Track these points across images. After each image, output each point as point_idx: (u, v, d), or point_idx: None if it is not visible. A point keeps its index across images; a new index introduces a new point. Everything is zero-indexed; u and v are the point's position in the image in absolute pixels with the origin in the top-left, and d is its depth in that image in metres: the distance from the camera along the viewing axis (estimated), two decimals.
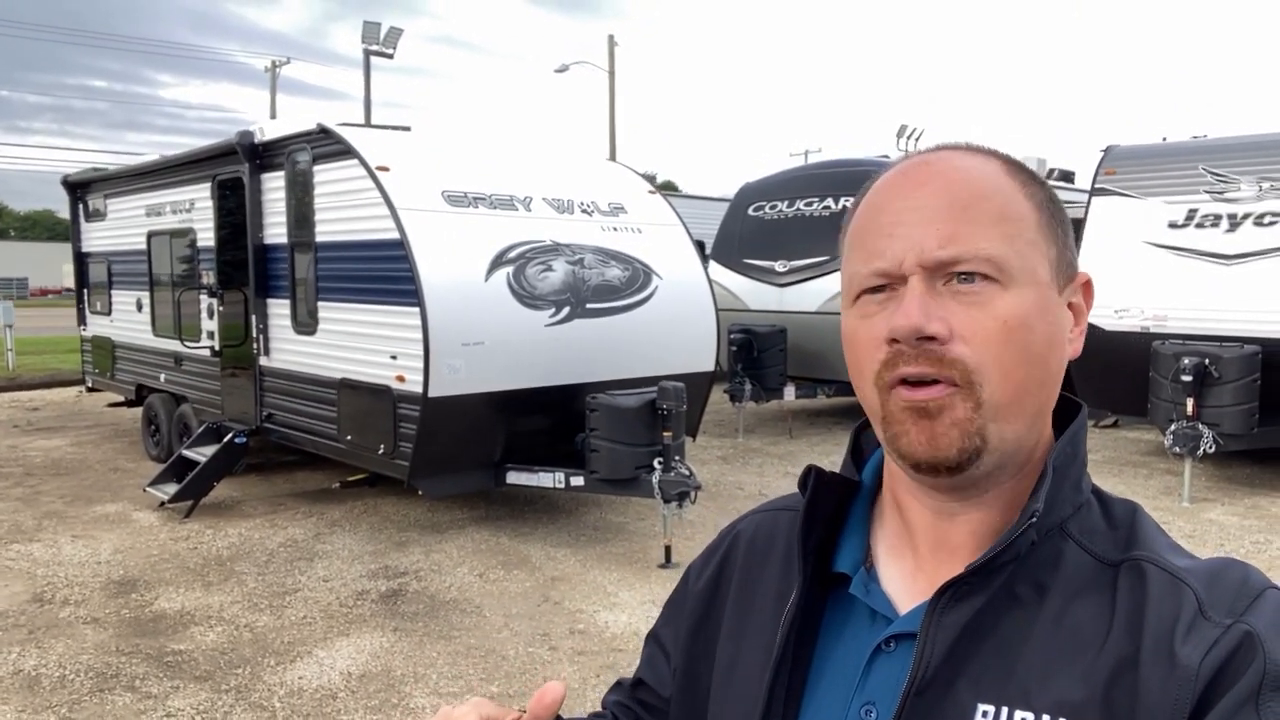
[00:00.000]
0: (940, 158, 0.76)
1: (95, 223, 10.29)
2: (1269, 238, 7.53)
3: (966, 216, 0.71)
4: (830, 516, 0.82)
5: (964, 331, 0.69)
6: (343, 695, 4.12)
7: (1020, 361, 0.70)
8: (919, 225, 0.71)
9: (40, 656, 4.52)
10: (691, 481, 5.87)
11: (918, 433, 0.70)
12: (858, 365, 0.75)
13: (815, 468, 0.82)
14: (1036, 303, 0.71)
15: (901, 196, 0.74)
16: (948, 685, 0.68)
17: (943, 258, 0.70)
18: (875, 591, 0.77)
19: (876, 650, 0.74)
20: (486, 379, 6.01)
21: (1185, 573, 0.69)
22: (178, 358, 8.65)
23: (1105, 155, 8.63)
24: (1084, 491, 0.75)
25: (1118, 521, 0.74)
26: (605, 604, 5.22)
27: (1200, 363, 7.07)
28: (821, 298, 10.32)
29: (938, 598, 0.70)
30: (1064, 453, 0.74)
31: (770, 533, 0.88)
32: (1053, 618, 0.69)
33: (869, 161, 11.50)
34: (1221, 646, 0.63)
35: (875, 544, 0.81)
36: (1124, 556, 0.71)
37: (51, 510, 7.24)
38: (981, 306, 0.70)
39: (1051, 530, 0.72)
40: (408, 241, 5.80)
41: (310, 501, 7.44)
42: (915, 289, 0.70)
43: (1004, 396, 0.70)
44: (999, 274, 0.70)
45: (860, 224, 0.77)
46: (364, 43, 22.63)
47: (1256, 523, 6.80)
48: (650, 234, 7.21)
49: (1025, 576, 0.71)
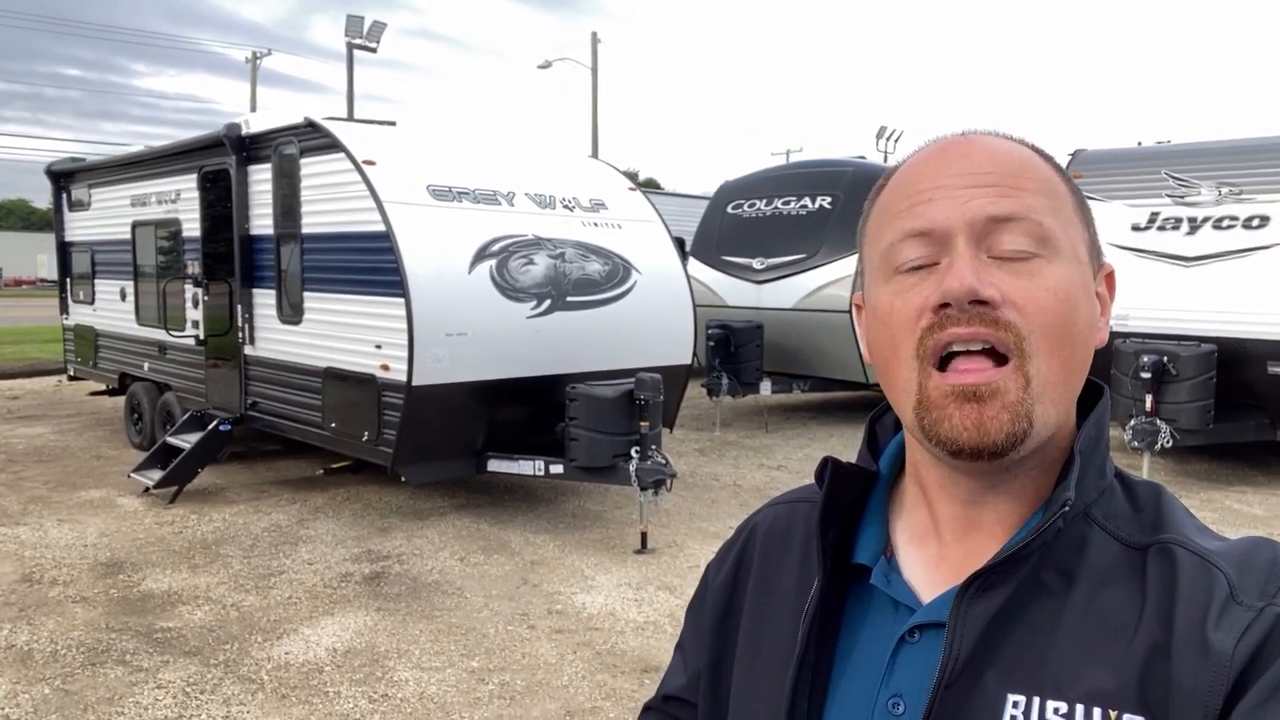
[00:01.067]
0: (978, 136, 0.75)
1: (79, 212, 10.34)
2: (1227, 241, 7.81)
3: (1017, 182, 0.70)
4: (848, 507, 0.81)
5: (1015, 298, 0.68)
6: (329, 669, 4.28)
7: (1067, 338, 0.69)
8: (965, 188, 0.70)
9: (32, 633, 4.64)
10: (667, 470, 6.06)
11: (962, 417, 0.68)
12: (892, 341, 0.72)
13: (832, 459, 0.81)
14: (1081, 280, 0.71)
15: (942, 165, 0.72)
16: (977, 677, 0.67)
17: (995, 213, 0.68)
18: (896, 582, 0.76)
19: (901, 641, 0.73)
20: (469, 369, 6.17)
21: (1215, 555, 0.68)
22: (162, 346, 8.74)
23: (1073, 159, 8.90)
24: (1108, 476, 0.74)
25: (1142, 504, 0.73)
26: (582, 586, 5.39)
27: (1159, 360, 7.34)
28: (798, 294, 10.54)
29: (965, 588, 0.69)
30: (1089, 437, 0.73)
31: (787, 525, 0.87)
32: (1081, 605, 0.68)
33: (845, 161, 11.74)
34: (1255, 631, 0.63)
35: (895, 533, 0.80)
36: (1151, 540, 0.70)
37: (36, 495, 7.32)
38: (1031, 276, 0.68)
39: (1077, 516, 0.71)
40: (393, 234, 5.95)
41: (293, 488, 7.57)
42: (964, 252, 0.68)
43: (1051, 374, 0.68)
44: (1045, 248, 0.69)
45: (889, 200, 0.75)
46: (347, 36, 22.65)
47: (1211, 515, 7.06)
48: (630, 230, 7.39)
49: (1051, 564, 0.70)
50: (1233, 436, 7.86)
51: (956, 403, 0.68)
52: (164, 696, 3.99)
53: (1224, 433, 7.69)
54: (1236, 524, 6.79)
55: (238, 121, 7.50)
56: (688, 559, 5.88)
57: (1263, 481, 8.11)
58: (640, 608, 5.07)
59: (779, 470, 8.54)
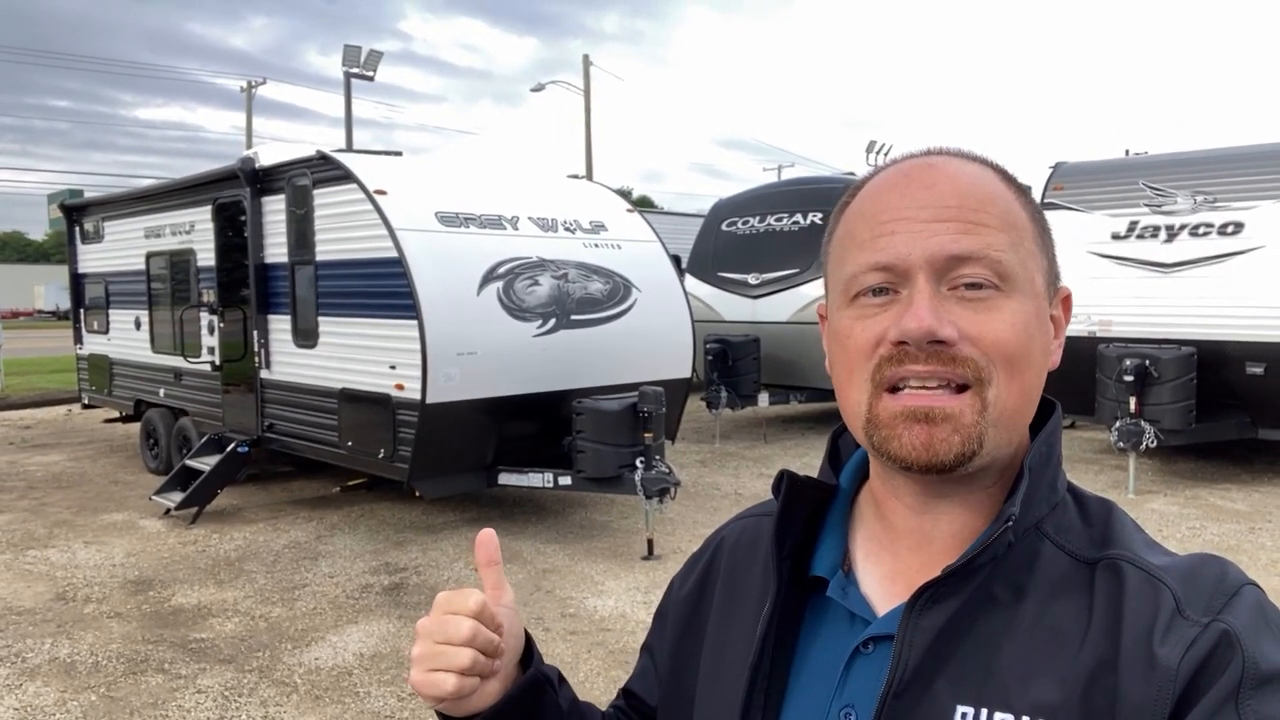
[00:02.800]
0: (943, 160, 0.75)
1: (91, 245, 10.63)
2: (1203, 247, 8.12)
3: (977, 218, 0.71)
4: (808, 520, 0.83)
5: (973, 334, 0.69)
6: (357, 672, 4.53)
7: (1023, 368, 0.71)
8: (927, 222, 0.71)
9: (72, 646, 4.89)
10: (671, 478, 6.33)
11: (911, 437, 0.70)
12: (847, 364, 0.74)
13: (787, 472, 0.82)
14: (1035, 312, 0.72)
15: (906, 196, 0.73)
16: (926, 687, 0.69)
17: (956, 252, 0.70)
18: (853, 594, 0.77)
19: (855, 652, 0.74)
20: (479, 386, 6.45)
21: (1162, 571, 0.69)
22: (178, 373, 9.00)
23: (1054, 171, 9.22)
24: (1059, 491, 0.76)
25: (1093, 519, 0.75)
26: (593, 591, 5.65)
27: (1141, 364, 7.63)
28: (793, 308, 10.84)
29: (914, 600, 0.71)
30: (1039, 454, 0.74)
31: (753, 538, 0.88)
32: (1030, 618, 0.69)
33: (835, 179, 12.09)
34: (1200, 646, 0.64)
35: (854, 546, 0.81)
36: (1100, 555, 0.71)
37: (60, 520, 7.57)
38: (989, 311, 0.70)
39: (1028, 530, 0.72)
40: (405, 259, 6.23)
41: (309, 507, 7.82)
42: (924, 290, 0.70)
43: (1008, 400, 0.70)
44: (1003, 281, 0.70)
45: (854, 224, 0.76)
46: (345, 65, 23.07)
47: (1194, 511, 7.34)
48: (629, 250, 7.69)
49: (1003, 577, 0.71)
50: (1215, 435, 8.14)
51: (906, 423, 0.70)
52: (205, 700, 4.23)
53: (1206, 432, 7.97)
54: (1221, 520, 7.05)
55: (251, 155, 7.80)
56: None
57: (1247, 479, 8.39)
58: (649, 609, 5.32)
59: None
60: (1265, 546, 6.39)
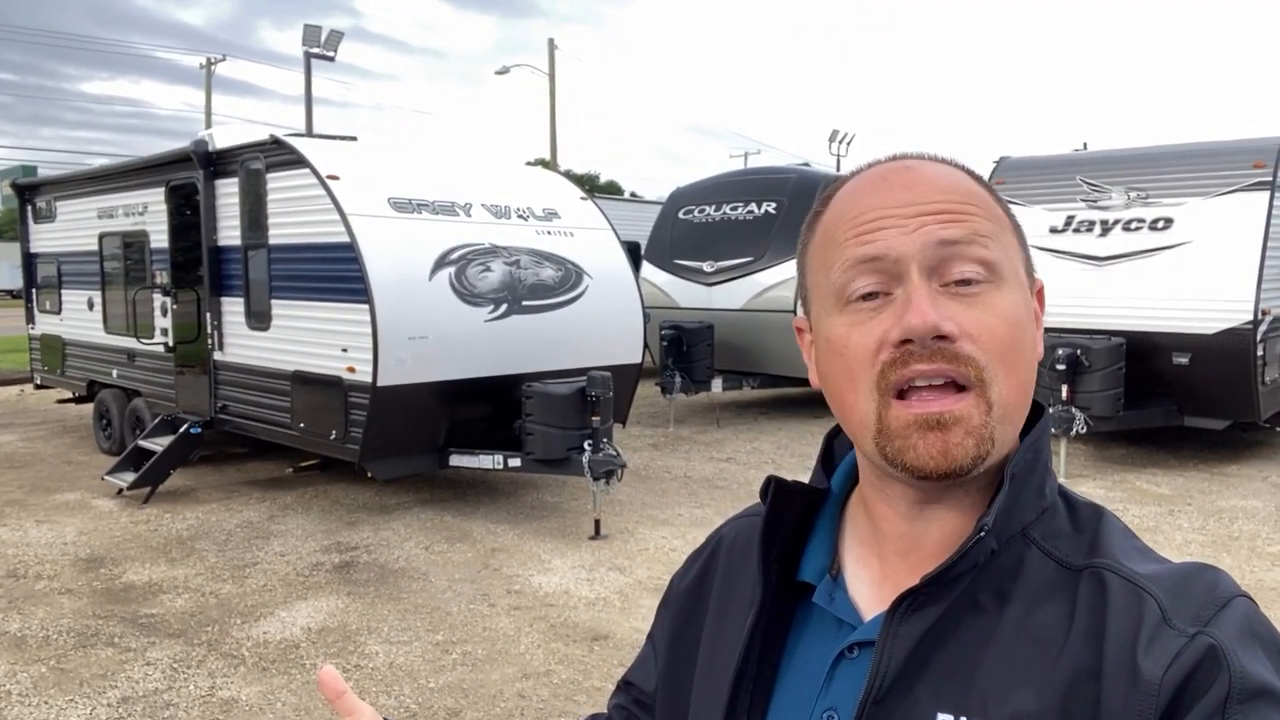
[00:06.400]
0: (918, 163, 0.75)
1: (44, 224, 10.55)
2: (1135, 242, 8.45)
3: (963, 210, 0.71)
4: (799, 524, 0.82)
5: (971, 330, 0.68)
6: (304, 645, 4.67)
7: (1019, 361, 0.70)
8: (913, 217, 0.70)
9: (23, 621, 4.98)
10: (618, 461, 6.52)
11: (927, 445, 0.68)
12: (847, 373, 0.72)
13: (775, 478, 0.82)
14: (1024, 303, 0.72)
15: (887, 196, 0.72)
16: (906, 693, 0.68)
17: (946, 237, 0.69)
18: (841, 599, 0.77)
19: (839, 657, 0.74)
20: (431, 370, 6.58)
21: (1148, 580, 0.68)
22: (131, 354, 9.01)
23: (996, 166, 9.52)
24: (1048, 496, 0.74)
25: (1082, 525, 0.73)
26: (540, 569, 5.83)
27: (1073, 353, 7.95)
28: (746, 296, 11.06)
29: (895, 607, 0.70)
30: (1024, 459, 0.72)
31: (748, 539, 0.87)
32: (1013, 625, 0.68)
33: (789, 169, 12.33)
34: (1185, 659, 0.62)
35: (844, 551, 0.81)
36: (1086, 563, 0.70)
37: (12, 499, 7.59)
38: (983, 305, 0.69)
39: (1014, 536, 0.71)
40: (357, 244, 6.34)
41: (263, 488, 7.91)
42: (921, 286, 0.69)
43: (1010, 397, 0.70)
44: (993, 273, 0.70)
45: (834, 229, 0.75)
46: (305, 45, 22.84)
47: (1120, 494, 7.68)
48: (581, 237, 7.84)
49: (987, 584, 0.70)
50: (1143, 423, 8.50)
51: (920, 431, 0.69)
52: (153, 672, 4.36)
53: (1134, 419, 8.33)
54: (1144, 503, 7.40)
55: (204, 137, 7.83)
56: (638, 543, 6.34)
57: (1173, 464, 8.76)
58: (592, 586, 5.52)
59: (728, 463, 9.03)
60: (1181, 528, 6.73)
